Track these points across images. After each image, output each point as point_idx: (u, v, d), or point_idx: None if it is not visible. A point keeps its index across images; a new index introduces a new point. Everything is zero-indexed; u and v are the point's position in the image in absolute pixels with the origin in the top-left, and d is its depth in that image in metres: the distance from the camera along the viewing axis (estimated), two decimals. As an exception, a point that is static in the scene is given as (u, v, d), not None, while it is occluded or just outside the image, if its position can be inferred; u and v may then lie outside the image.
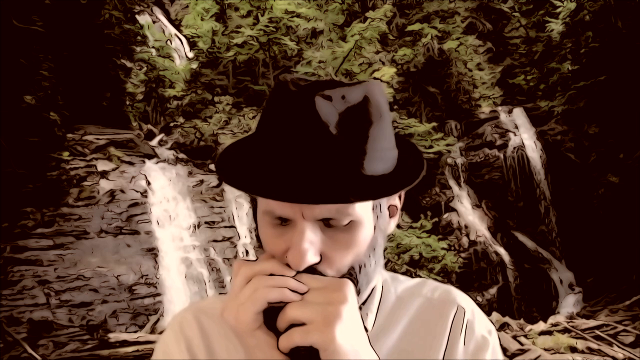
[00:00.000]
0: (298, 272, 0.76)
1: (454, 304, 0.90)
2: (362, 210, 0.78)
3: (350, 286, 0.74)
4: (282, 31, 14.65)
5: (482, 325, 0.90)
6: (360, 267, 0.80)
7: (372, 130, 0.76)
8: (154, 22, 18.89)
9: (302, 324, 0.71)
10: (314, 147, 0.73)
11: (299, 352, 0.72)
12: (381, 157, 0.78)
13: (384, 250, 0.87)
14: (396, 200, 0.86)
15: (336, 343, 0.70)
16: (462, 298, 0.92)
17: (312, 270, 0.76)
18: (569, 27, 14.02)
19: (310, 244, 0.75)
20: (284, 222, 0.78)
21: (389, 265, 11.87)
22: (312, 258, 0.76)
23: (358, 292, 0.80)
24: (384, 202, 0.84)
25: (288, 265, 0.77)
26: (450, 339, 0.87)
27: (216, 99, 14.41)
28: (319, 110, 0.73)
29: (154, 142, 13.84)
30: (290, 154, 0.73)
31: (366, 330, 0.77)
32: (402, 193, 0.86)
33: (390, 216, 0.86)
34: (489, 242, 13.56)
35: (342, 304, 0.72)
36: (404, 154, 0.83)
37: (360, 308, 0.78)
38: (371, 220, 0.81)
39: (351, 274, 0.79)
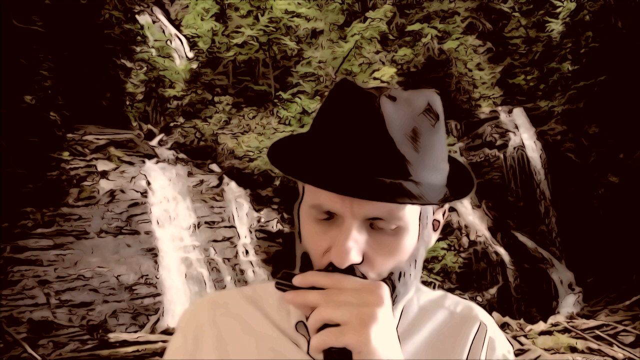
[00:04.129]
0: (335, 271, 0.75)
1: (476, 320, 0.90)
2: (411, 217, 0.79)
3: (386, 289, 0.73)
4: (282, 31, 14.65)
5: (503, 344, 0.91)
6: (400, 275, 0.80)
7: (430, 138, 0.77)
8: (154, 22, 18.89)
9: (336, 325, 0.70)
10: (374, 145, 0.73)
11: (331, 353, 0.71)
12: (435, 166, 0.78)
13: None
14: (439, 215, 0.87)
15: (371, 345, 0.70)
16: (484, 315, 0.92)
17: (352, 271, 0.76)
18: (569, 27, 14.02)
19: (355, 242, 0.75)
20: (330, 218, 0.77)
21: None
22: (355, 257, 0.75)
23: (394, 301, 0.80)
24: (430, 213, 0.84)
25: (331, 265, 0.76)
26: (470, 355, 0.87)
27: (216, 99, 14.41)
28: (382, 109, 0.74)
29: (154, 142, 13.84)
30: (350, 149, 0.74)
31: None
32: (447, 210, 0.87)
33: (434, 230, 0.87)
34: (489, 242, 13.56)
35: (378, 306, 0.71)
36: (453, 168, 0.84)
37: None
38: (417, 229, 0.81)
39: (391, 280, 0.79)
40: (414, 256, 0.82)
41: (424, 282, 0.97)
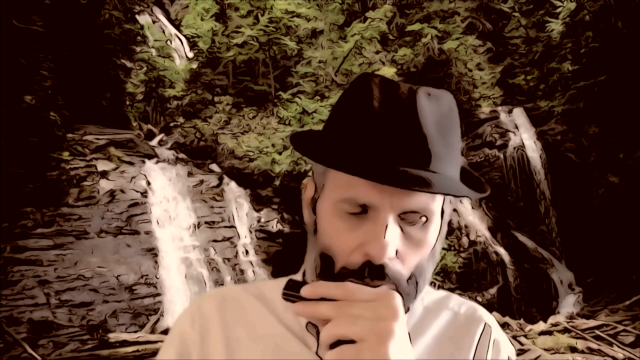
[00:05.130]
0: (347, 280, 0.74)
1: (481, 321, 0.90)
2: (437, 212, 0.79)
3: (399, 299, 0.70)
4: (282, 31, 14.65)
5: (507, 346, 0.91)
6: (422, 271, 0.80)
7: (456, 136, 0.80)
8: (154, 22, 18.89)
9: (351, 341, 0.68)
10: (413, 138, 0.74)
11: None
12: (458, 163, 0.80)
13: None
14: (446, 217, 0.87)
15: None
16: (488, 316, 0.92)
17: (382, 269, 0.74)
18: (569, 27, 14.02)
19: (393, 236, 0.75)
20: (362, 212, 0.76)
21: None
22: (392, 251, 0.75)
23: (415, 297, 0.80)
24: (448, 210, 0.84)
25: (367, 264, 0.74)
26: (476, 356, 0.87)
27: (216, 99, 14.41)
28: (420, 104, 0.75)
29: (154, 142, 13.84)
30: (390, 141, 0.74)
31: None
32: (447, 214, 0.86)
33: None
34: (489, 242, 13.56)
35: (393, 320, 0.68)
36: (463, 168, 0.85)
37: None
38: (439, 224, 0.81)
39: (415, 276, 0.79)
40: (434, 252, 0.82)
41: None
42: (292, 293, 0.74)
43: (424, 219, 0.77)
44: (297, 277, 0.89)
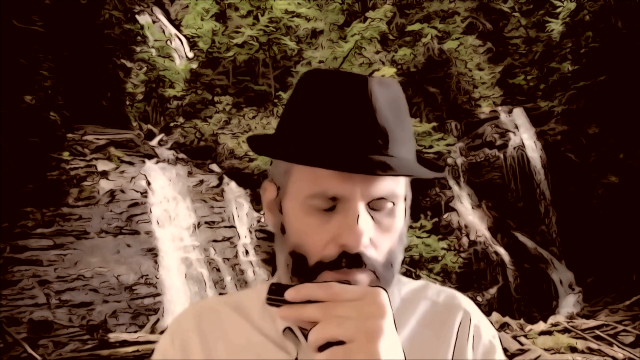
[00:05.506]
0: (324, 272, 0.75)
1: (459, 308, 0.90)
2: (402, 195, 0.81)
3: (385, 295, 0.70)
4: (282, 31, 14.65)
5: (488, 330, 0.90)
6: (394, 255, 0.81)
7: (409, 120, 0.81)
8: (154, 22, 18.89)
9: (340, 342, 0.67)
10: (373, 125, 0.75)
11: None
12: (413, 146, 0.82)
13: None
14: (408, 202, 0.87)
15: None
16: (467, 303, 0.92)
17: (358, 256, 0.75)
18: (569, 27, 14.02)
19: (366, 224, 0.75)
20: (330, 209, 0.76)
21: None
22: (366, 239, 0.75)
23: (391, 282, 0.81)
24: (410, 193, 0.85)
25: (343, 254, 0.75)
26: (457, 343, 0.87)
27: (216, 99, 14.41)
28: (374, 92, 0.76)
29: (154, 142, 13.84)
30: (353, 131, 0.74)
31: None
32: (409, 199, 0.87)
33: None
34: (489, 242, 13.56)
35: (381, 318, 0.68)
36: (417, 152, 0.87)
37: None
38: (403, 209, 0.83)
39: (389, 261, 0.79)
40: (402, 236, 0.83)
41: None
42: (276, 297, 0.72)
43: (391, 204, 0.78)
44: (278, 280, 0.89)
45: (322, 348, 0.68)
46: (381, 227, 0.78)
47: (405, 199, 0.83)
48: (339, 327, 0.67)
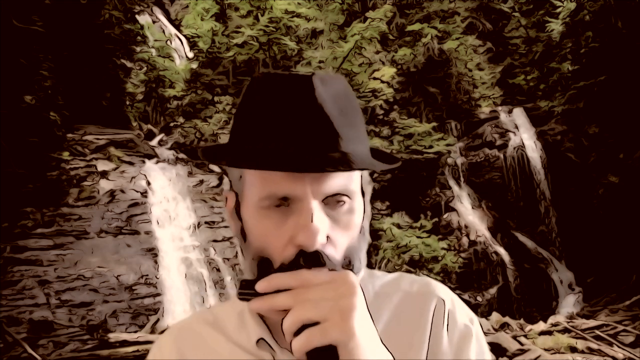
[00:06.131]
0: (305, 257, 0.74)
1: (433, 296, 0.89)
2: (357, 190, 0.81)
3: (354, 276, 0.71)
4: (282, 31, 14.64)
5: (463, 314, 0.89)
6: (354, 252, 0.81)
7: (358, 115, 0.81)
8: (154, 22, 18.88)
9: (315, 323, 0.68)
10: (318, 123, 0.75)
11: (316, 354, 0.67)
12: (365, 141, 0.82)
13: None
14: (367, 197, 0.87)
15: (356, 337, 0.68)
16: (440, 289, 0.91)
17: (319, 256, 0.75)
18: (569, 27, 14.02)
19: (321, 221, 0.75)
20: (284, 206, 0.77)
21: (389, 265, 11.87)
22: (322, 237, 0.75)
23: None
24: (368, 186, 0.85)
25: (301, 253, 0.74)
26: (433, 332, 0.86)
27: (216, 99, 14.41)
28: (317, 89, 0.76)
29: (154, 142, 13.83)
30: (296, 130, 0.75)
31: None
32: (368, 194, 0.87)
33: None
34: (489, 242, 13.56)
35: (353, 296, 0.69)
36: (373, 147, 0.87)
37: None
38: (362, 202, 0.83)
39: (349, 257, 0.80)
40: (363, 232, 0.83)
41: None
42: (247, 292, 0.73)
43: (346, 199, 0.78)
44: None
45: (297, 333, 0.68)
46: (339, 225, 0.78)
47: (363, 194, 0.83)
48: (313, 309, 0.68)
